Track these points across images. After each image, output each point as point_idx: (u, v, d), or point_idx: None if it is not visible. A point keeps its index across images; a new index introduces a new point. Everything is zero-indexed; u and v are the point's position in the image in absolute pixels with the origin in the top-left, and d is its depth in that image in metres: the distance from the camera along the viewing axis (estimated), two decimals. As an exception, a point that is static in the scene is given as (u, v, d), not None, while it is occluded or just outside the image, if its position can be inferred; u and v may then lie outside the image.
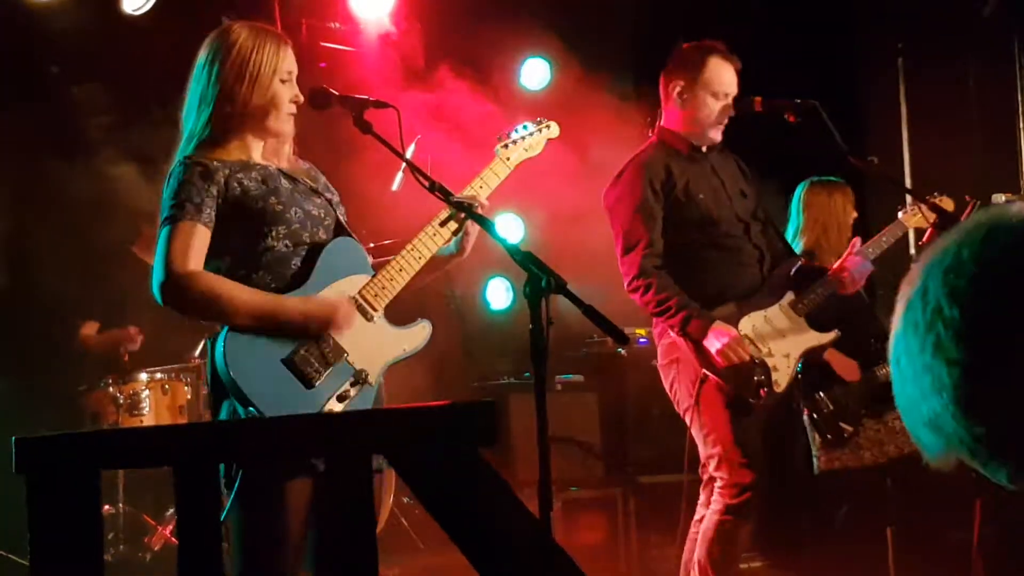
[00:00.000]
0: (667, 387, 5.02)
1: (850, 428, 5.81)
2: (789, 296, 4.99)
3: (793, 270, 5.03)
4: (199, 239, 3.52)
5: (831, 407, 5.85)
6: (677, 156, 5.00)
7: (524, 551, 1.74)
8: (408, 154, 4.17)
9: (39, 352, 6.91)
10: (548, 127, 4.23)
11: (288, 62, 3.69)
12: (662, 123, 5.11)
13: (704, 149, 5.06)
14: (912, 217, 5.76)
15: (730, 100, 4.98)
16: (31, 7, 6.62)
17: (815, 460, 5.87)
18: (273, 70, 3.64)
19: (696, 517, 4.93)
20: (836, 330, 5.08)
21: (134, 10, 7.00)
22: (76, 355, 6.80)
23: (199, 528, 1.79)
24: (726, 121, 5.01)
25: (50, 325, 7.08)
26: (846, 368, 5.87)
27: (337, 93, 3.75)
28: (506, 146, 4.10)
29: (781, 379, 4.86)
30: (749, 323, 4.87)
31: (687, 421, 4.91)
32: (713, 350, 4.73)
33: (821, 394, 5.86)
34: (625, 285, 4.93)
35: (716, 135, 5.03)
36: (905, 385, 1.48)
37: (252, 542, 3.44)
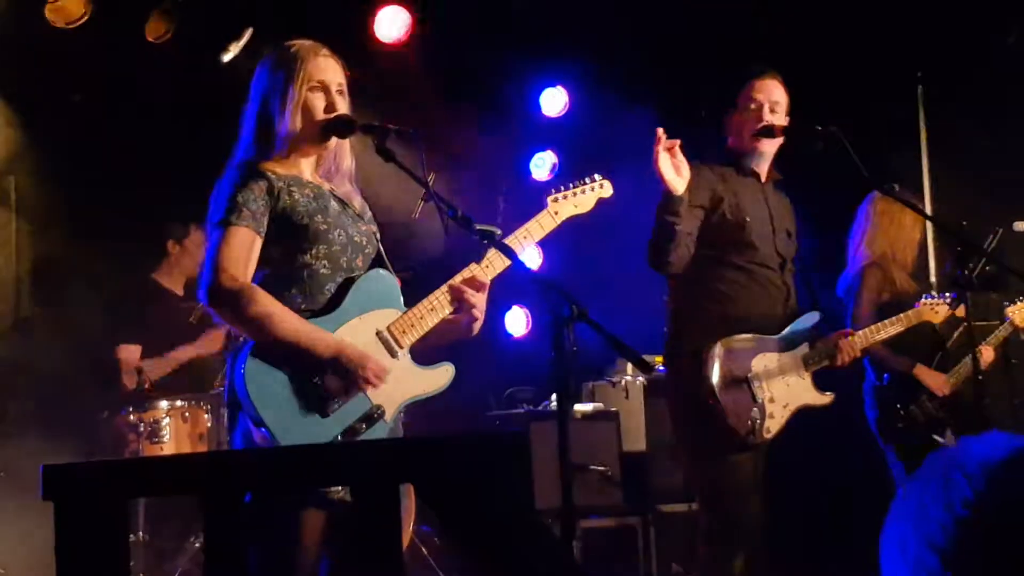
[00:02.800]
0: (670, 411, 5.02)
1: (941, 439, 5.84)
2: (804, 348, 4.98)
3: (812, 324, 5.02)
4: (252, 248, 3.51)
5: (923, 419, 5.88)
6: (735, 175, 5.00)
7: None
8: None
9: (62, 378, 6.93)
10: (601, 186, 4.18)
11: (320, 71, 3.68)
12: (727, 146, 5.12)
13: (763, 178, 5.06)
14: (927, 311, 5.75)
15: (768, 107, 4.99)
16: (56, 33, 6.66)
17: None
18: (302, 79, 3.64)
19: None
20: (832, 394, 5.07)
21: (156, 38, 7.04)
22: (103, 379, 6.81)
23: (226, 556, 1.79)
24: (764, 131, 4.98)
25: (76, 351, 7.10)
26: (937, 383, 5.91)
27: (359, 121, 3.75)
28: (556, 199, 4.06)
29: (773, 427, 4.84)
30: (762, 362, 4.86)
31: (682, 449, 4.91)
32: (660, 160, 4.62)
33: (913, 407, 5.89)
34: (653, 261, 4.85)
35: (758, 144, 5.01)
36: None
37: (264, 572, 3.41)
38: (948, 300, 5.79)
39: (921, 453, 5.87)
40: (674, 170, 4.62)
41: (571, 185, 4.14)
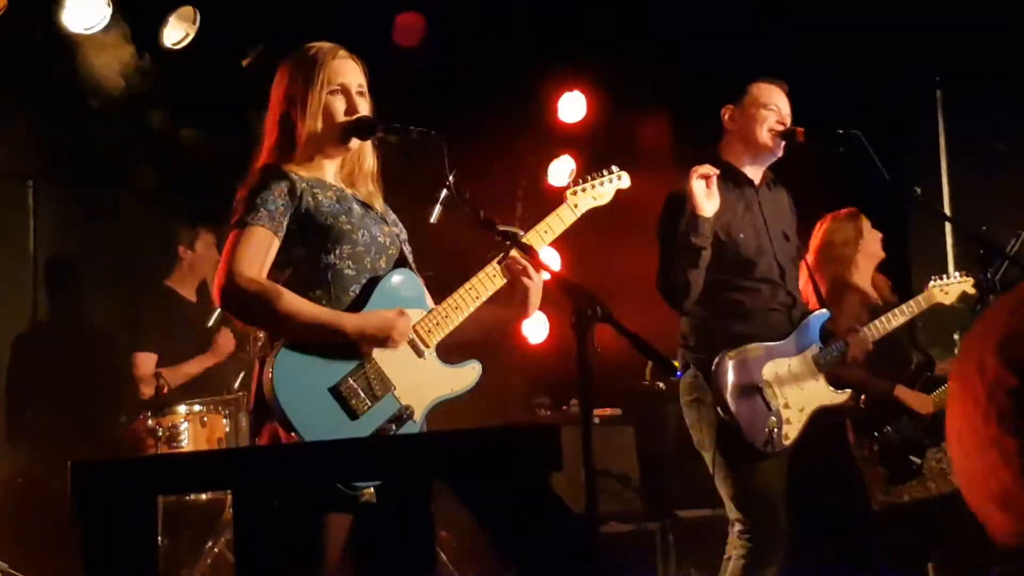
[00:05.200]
0: (688, 424, 4.99)
1: (918, 460, 5.80)
2: (813, 349, 4.95)
3: (821, 323, 5.00)
4: (268, 248, 3.50)
5: (899, 440, 5.83)
6: (725, 185, 4.96)
7: (588, 577, 1.72)
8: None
9: (80, 383, 6.93)
10: (620, 178, 4.19)
11: (340, 75, 3.68)
12: (718, 151, 5.09)
13: (757, 182, 5.03)
14: (938, 293, 5.71)
15: (784, 115, 4.97)
16: (74, 40, 6.66)
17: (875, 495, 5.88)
18: (321, 84, 3.64)
19: (726, 555, 4.87)
20: (850, 390, 5.04)
21: (173, 44, 7.04)
22: (119, 386, 6.82)
23: (257, 551, 1.77)
24: (787, 134, 4.96)
25: (93, 356, 7.10)
26: (920, 402, 5.86)
27: (381, 123, 3.73)
28: (575, 193, 4.06)
29: (791, 432, 4.81)
30: (773, 369, 4.83)
31: (708, 462, 4.88)
32: (693, 182, 4.70)
33: (888, 428, 5.84)
34: (668, 302, 4.90)
35: (776, 148, 4.99)
36: (969, 461, 1.44)
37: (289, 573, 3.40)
38: (959, 279, 5.74)
39: (897, 474, 5.87)
40: (705, 194, 4.69)
41: (589, 177, 4.14)
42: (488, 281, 3.78)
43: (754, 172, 5.06)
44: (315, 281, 3.56)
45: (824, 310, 5.09)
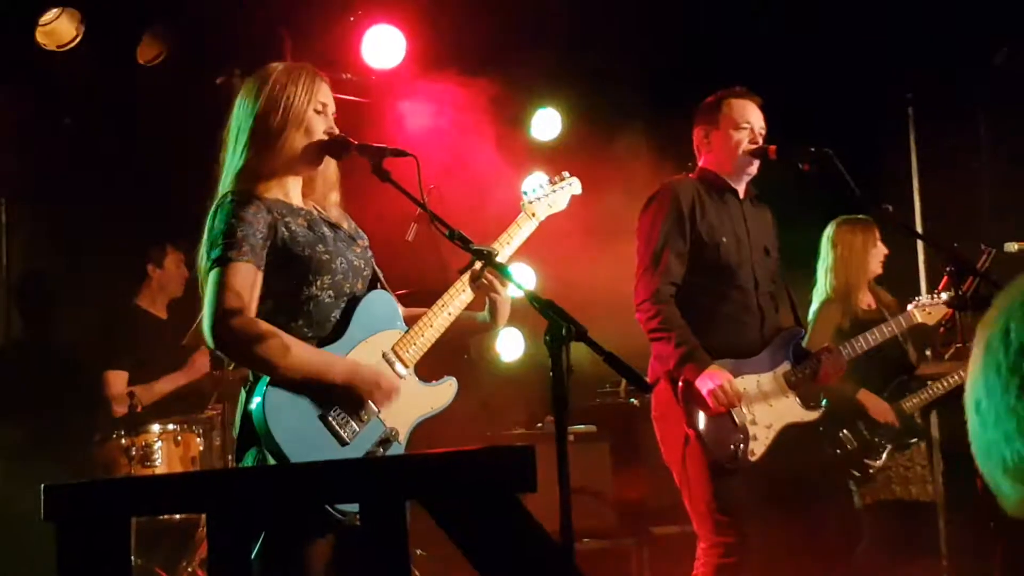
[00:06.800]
0: (658, 439, 5.00)
1: (876, 464, 5.84)
2: (785, 366, 4.95)
3: (794, 341, 5.00)
4: (254, 284, 3.49)
5: (855, 444, 5.87)
6: (711, 194, 4.99)
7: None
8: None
9: (52, 401, 6.89)
10: (571, 184, 4.26)
11: (322, 94, 3.70)
12: (700, 165, 5.13)
13: (741, 195, 5.06)
14: (919, 314, 5.77)
15: (757, 132, 4.99)
16: (49, 55, 6.64)
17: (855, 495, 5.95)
18: (308, 99, 3.64)
19: (693, 572, 4.87)
20: (821, 409, 5.05)
21: (147, 62, 7.03)
22: (91, 405, 6.78)
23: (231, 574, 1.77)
24: (758, 152, 4.98)
25: (65, 374, 7.06)
26: (880, 411, 5.90)
27: (355, 142, 3.74)
28: (531, 202, 4.10)
29: (757, 448, 4.81)
30: (741, 385, 4.83)
31: (674, 476, 4.89)
32: (704, 391, 4.69)
33: (845, 432, 5.88)
34: (635, 303, 4.91)
35: (750, 167, 5.01)
36: (986, 430, 1.42)
37: None
38: (942, 300, 5.79)
39: (856, 477, 5.93)
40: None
41: (542, 186, 4.20)
42: (457, 296, 3.82)
43: (737, 186, 5.08)
44: (297, 312, 3.57)
45: (798, 328, 5.09)
